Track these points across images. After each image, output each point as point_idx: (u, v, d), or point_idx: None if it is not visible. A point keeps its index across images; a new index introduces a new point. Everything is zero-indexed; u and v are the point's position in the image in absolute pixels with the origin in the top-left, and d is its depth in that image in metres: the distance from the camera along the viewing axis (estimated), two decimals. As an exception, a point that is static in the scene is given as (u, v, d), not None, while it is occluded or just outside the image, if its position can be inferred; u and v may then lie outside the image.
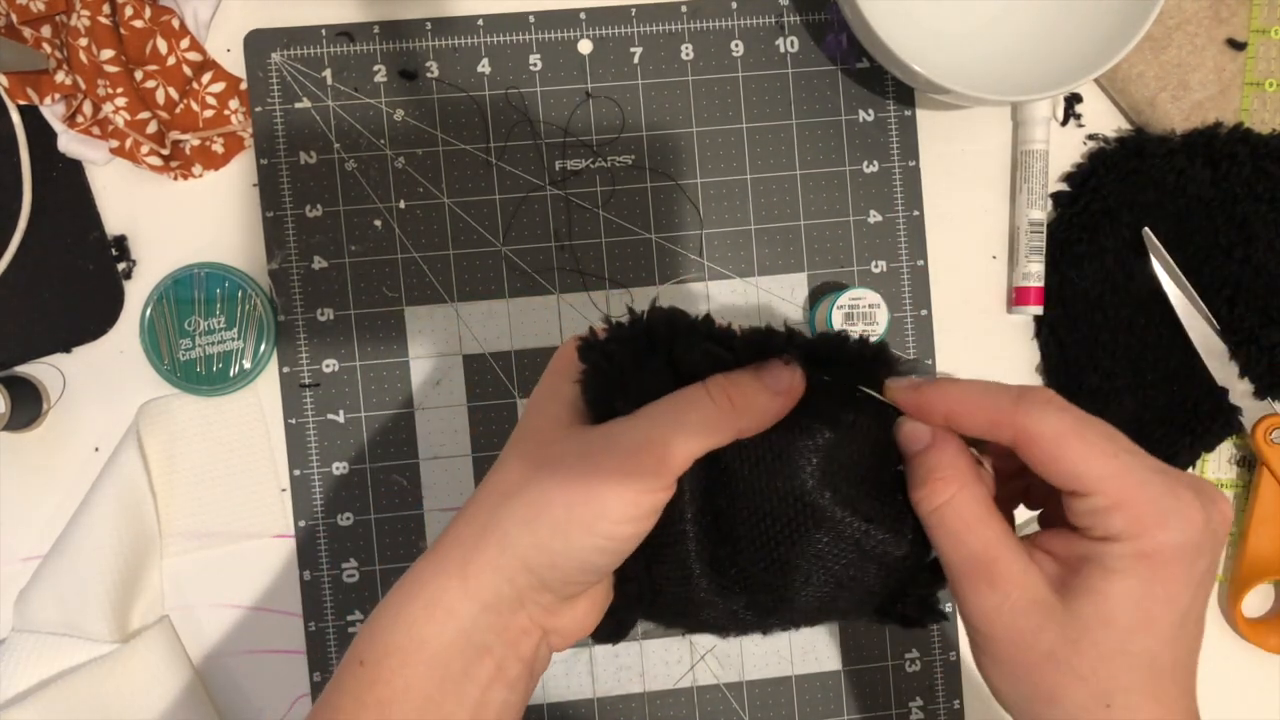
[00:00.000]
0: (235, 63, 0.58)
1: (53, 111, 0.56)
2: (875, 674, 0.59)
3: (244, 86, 0.58)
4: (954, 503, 0.32)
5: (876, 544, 0.34)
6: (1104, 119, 0.61)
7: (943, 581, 0.34)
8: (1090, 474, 0.30)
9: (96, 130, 0.56)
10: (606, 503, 0.32)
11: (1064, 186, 0.61)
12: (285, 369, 0.58)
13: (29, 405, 0.55)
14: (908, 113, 0.60)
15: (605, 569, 0.34)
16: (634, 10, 0.59)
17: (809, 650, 0.59)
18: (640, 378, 0.34)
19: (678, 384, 0.34)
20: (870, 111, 0.60)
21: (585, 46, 0.59)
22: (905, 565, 0.35)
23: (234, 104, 0.57)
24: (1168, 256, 0.58)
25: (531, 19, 0.59)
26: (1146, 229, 0.58)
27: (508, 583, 0.33)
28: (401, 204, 0.58)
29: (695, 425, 0.32)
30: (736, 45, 0.59)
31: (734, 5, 0.59)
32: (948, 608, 0.60)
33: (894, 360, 0.34)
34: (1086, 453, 0.30)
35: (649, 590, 0.36)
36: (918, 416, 0.33)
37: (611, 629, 0.38)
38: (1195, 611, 0.31)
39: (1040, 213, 0.59)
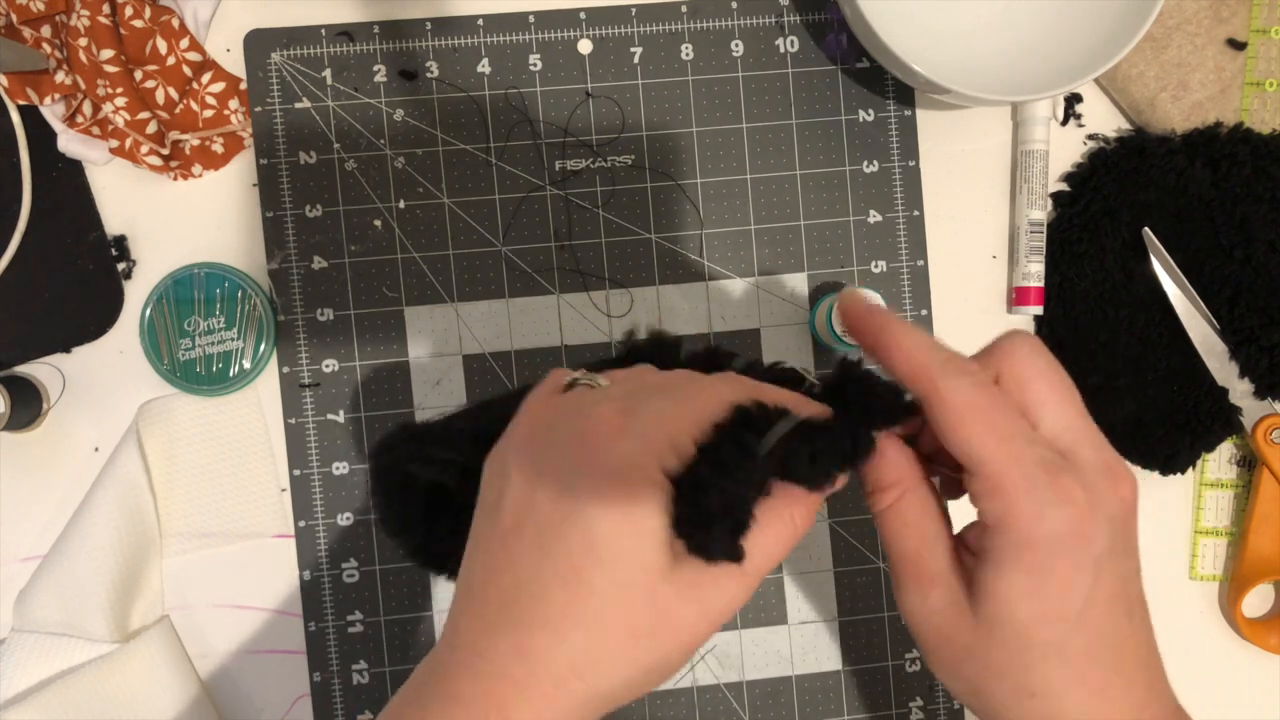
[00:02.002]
0: (235, 63, 0.58)
1: (53, 111, 0.56)
2: (875, 674, 0.59)
3: (244, 86, 0.58)
4: (897, 507, 0.33)
5: None
6: (1104, 119, 0.61)
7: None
8: (979, 453, 0.30)
9: (96, 130, 0.56)
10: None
11: (1064, 186, 0.61)
12: (285, 369, 0.58)
13: (29, 405, 0.55)
14: (908, 113, 0.60)
15: None
16: (634, 10, 0.59)
17: (809, 650, 0.59)
18: None
19: None
20: (870, 111, 0.60)
21: (585, 46, 0.59)
22: None
23: (234, 104, 0.57)
24: (1168, 256, 0.58)
25: (531, 19, 0.59)
26: (1146, 229, 0.58)
27: None
28: (401, 204, 0.58)
29: (779, 553, 0.33)
30: (736, 45, 0.59)
31: (734, 5, 0.59)
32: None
33: (901, 409, 0.34)
34: (982, 431, 0.30)
35: None
36: (855, 331, 0.34)
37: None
38: (1103, 595, 0.31)
39: (1040, 213, 0.59)
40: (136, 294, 0.57)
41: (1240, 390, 0.58)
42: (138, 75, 0.55)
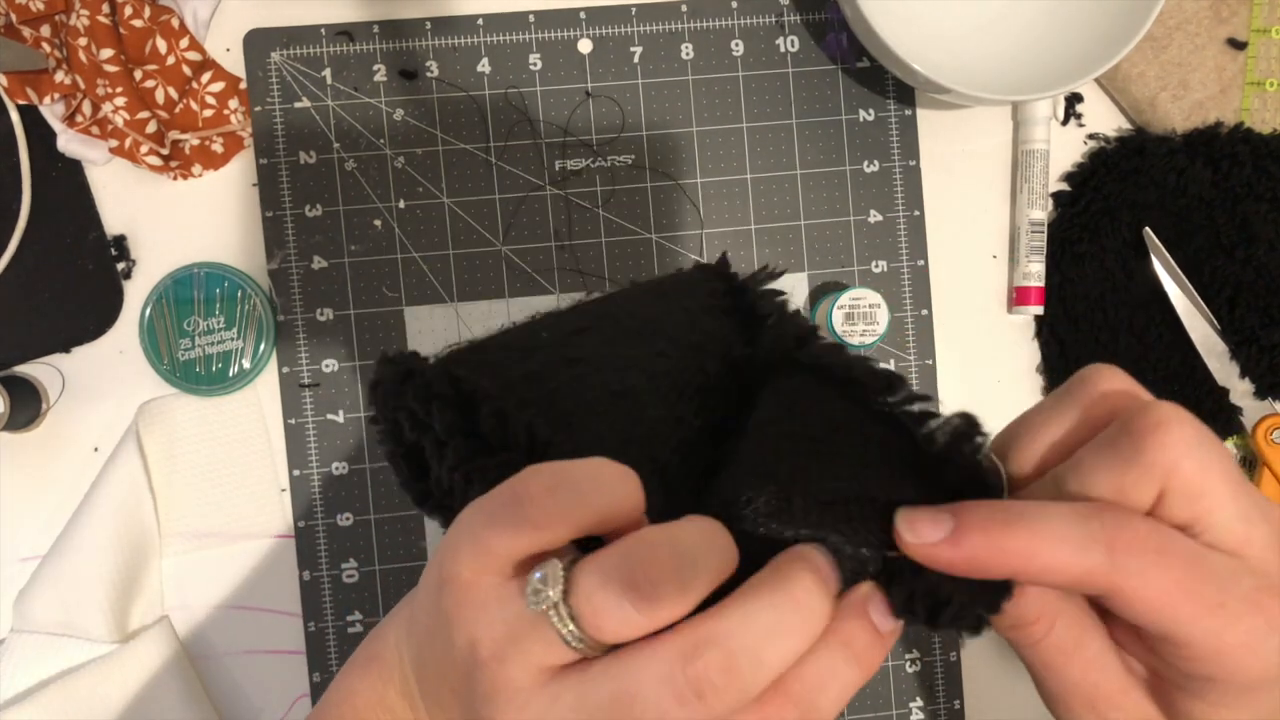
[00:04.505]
0: (235, 62, 0.58)
1: (52, 111, 0.56)
2: (875, 674, 0.59)
3: (243, 86, 0.58)
4: (1050, 639, 0.28)
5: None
6: (1104, 119, 0.61)
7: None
8: (1188, 633, 0.26)
9: (96, 130, 0.56)
10: None
11: (1064, 186, 0.60)
12: (285, 369, 0.58)
13: (28, 405, 0.55)
14: (908, 112, 0.60)
15: None
16: (634, 9, 0.59)
17: (809, 650, 0.59)
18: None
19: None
20: (870, 111, 0.60)
21: (585, 46, 0.59)
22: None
23: (233, 104, 0.57)
24: (1168, 256, 0.58)
25: (531, 18, 0.59)
26: (1147, 229, 0.58)
27: None
28: (401, 204, 0.58)
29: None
30: (736, 45, 0.59)
31: (734, 4, 0.59)
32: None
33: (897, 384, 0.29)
34: (1194, 612, 0.25)
35: None
36: (965, 572, 0.26)
37: None
38: None
39: (1041, 212, 0.59)
40: (136, 294, 0.57)
41: (1240, 390, 0.58)
42: (137, 75, 0.55)
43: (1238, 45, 0.59)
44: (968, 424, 0.27)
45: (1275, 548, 0.27)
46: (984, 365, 0.61)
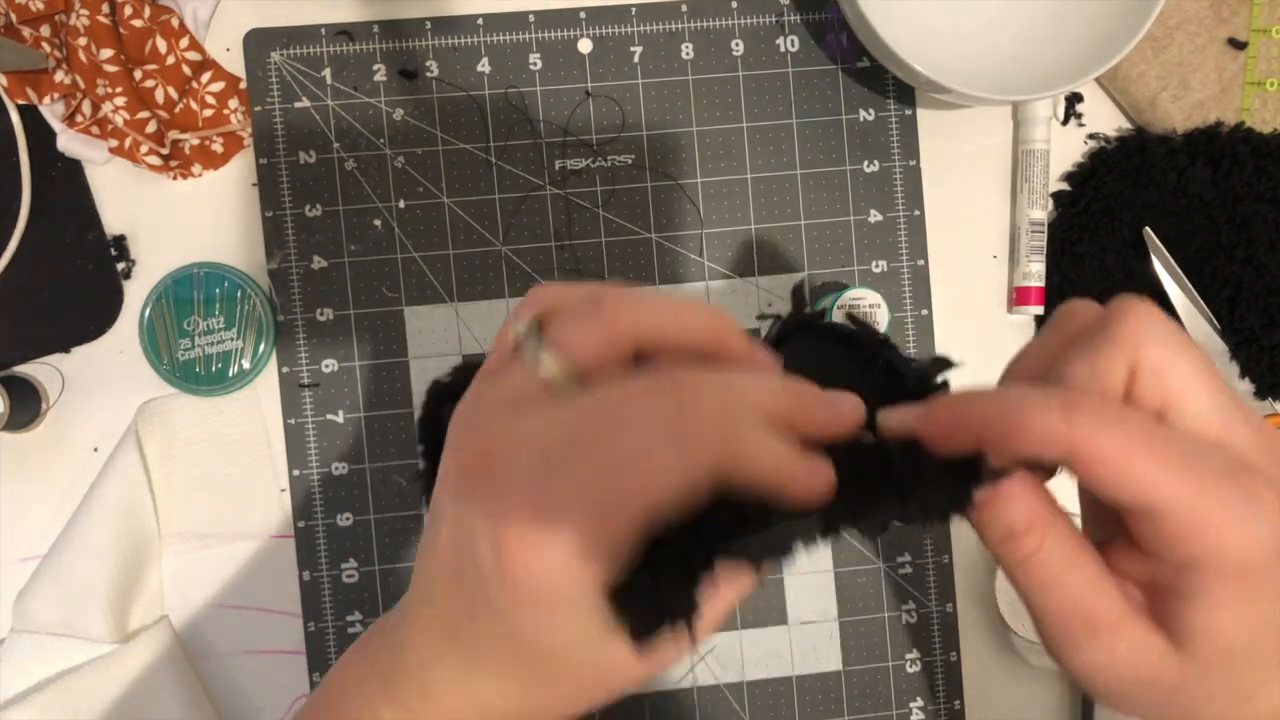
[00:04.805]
0: (235, 62, 0.58)
1: (52, 111, 0.56)
2: (875, 674, 0.59)
3: (243, 86, 0.58)
4: (1040, 555, 0.27)
5: None
6: (1105, 118, 0.61)
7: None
8: (1161, 494, 0.25)
9: (96, 130, 0.56)
10: None
11: (1065, 186, 0.60)
12: (284, 369, 0.58)
13: (28, 405, 0.55)
14: (908, 112, 0.60)
15: None
16: (634, 9, 0.59)
17: (809, 650, 0.59)
18: None
19: None
20: (871, 111, 0.60)
21: (585, 46, 0.59)
22: None
23: (233, 103, 0.57)
24: (1169, 256, 0.58)
25: (531, 18, 0.59)
26: (1147, 229, 0.58)
27: None
28: (401, 204, 0.58)
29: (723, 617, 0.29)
30: (737, 44, 0.59)
31: (734, 4, 0.59)
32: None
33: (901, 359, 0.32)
34: (1157, 471, 0.25)
35: None
36: (936, 443, 0.28)
37: None
38: None
39: (1041, 212, 0.59)
40: (136, 294, 0.57)
41: (1240, 390, 0.58)
42: (137, 75, 0.55)
43: (1238, 45, 0.59)
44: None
45: (1259, 446, 0.27)
46: (984, 365, 0.60)
